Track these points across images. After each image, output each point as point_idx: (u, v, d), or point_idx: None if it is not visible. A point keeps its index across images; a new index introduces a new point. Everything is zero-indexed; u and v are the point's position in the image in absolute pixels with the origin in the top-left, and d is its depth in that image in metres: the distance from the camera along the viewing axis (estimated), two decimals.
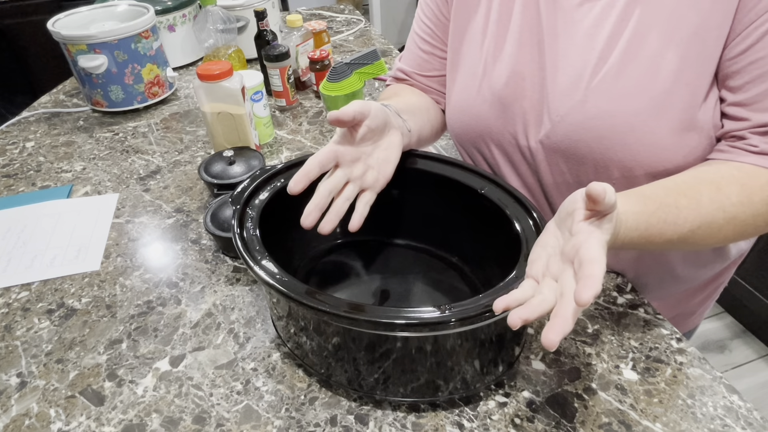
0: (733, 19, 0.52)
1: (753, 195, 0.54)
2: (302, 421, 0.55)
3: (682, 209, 0.53)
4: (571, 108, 0.60)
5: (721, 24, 0.53)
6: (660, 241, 0.53)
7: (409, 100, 0.76)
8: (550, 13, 0.62)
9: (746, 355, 1.74)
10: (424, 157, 0.69)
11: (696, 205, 0.54)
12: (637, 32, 0.56)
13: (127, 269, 0.77)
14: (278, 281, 0.51)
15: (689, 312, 0.84)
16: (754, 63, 0.53)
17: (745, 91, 0.54)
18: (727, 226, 0.54)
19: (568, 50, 0.61)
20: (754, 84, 0.53)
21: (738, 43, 0.53)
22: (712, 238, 0.55)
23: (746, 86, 0.54)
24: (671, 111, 0.57)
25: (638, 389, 0.56)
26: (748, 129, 0.55)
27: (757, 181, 0.54)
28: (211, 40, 1.18)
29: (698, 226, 0.54)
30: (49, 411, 0.58)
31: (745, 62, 0.53)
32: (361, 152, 0.59)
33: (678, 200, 0.53)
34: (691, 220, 0.53)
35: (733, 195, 0.54)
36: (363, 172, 0.59)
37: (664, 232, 0.53)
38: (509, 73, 0.65)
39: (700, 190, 0.54)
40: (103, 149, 1.08)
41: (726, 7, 0.52)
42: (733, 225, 0.54)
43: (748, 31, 0.52)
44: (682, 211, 0.53)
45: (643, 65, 0.56)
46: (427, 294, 0.67)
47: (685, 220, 0.53)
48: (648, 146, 0.58)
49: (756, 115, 0.54)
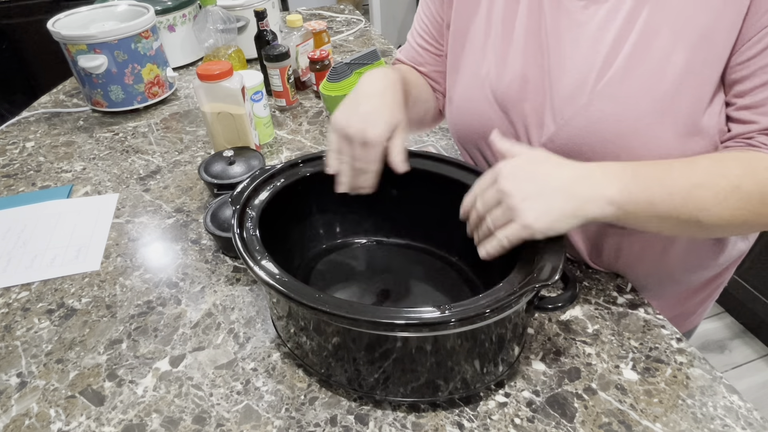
0: (742, 24, 0.52)
1: (757, 171, 0.53)
2: (302, 421, 0.55)
3: (675, 167, 0.54)
4: (576, 111, 0.60)
5: (730, 28, 0.53)
6: (661, 193, 0.52)
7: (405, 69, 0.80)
8: (554, 15, 0.61)
9: (746, 355, 1.74)
10: (424, 157, 0.69)
11: (691, 166, 0.54)
12: (643, 36, 0.56)
13: (127, 269, 0.77)
14: (278, 281, 0.51)
15: (689, 312, 0.84)
16: (763, 68, 0.52)
17: (753, 95, 0.54)
18: (733, 196, 0.52)
19: (572, 53, 0.61)
20: (764, 88, 0.53)
21: (748, 48, 0.53)
22: (720, 206, 0.53)
23: (755, 90, 0.54)
24: (676, 115, 0.56)
25: (638, 389, 0.56)
26: (756, 132, 0.55)
27: (761, 162, 0.54)
28: (211, 40, 1.18)
29: (699, 184, 0.52)
30: (49, 411, 0.58)
31: (755, 67, 0.53)
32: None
33: (670, 162, 0.55)
34: (688, 177, 0.53)
35: (733, 167, 0.54)
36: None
37: (659, 180, 0.53)
38: (512, 74, 0.65)
39: (695, 158, 0.55)
40: (103, 149, 1.08)
41: (735, 12, 0.52)
42: (738, 196, 0.52)
43: (760, 36, 0.52)
44: (675, 168, 0.54)
45: (648, 69, 0.56)
46: (427, 294, 0.67)
47: (681, 174, 0.53)
48: (652, 150, 0.58)
49: (764, 119, 0.54)
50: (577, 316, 0.65)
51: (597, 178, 0.53)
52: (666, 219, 0.53)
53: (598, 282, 0.70)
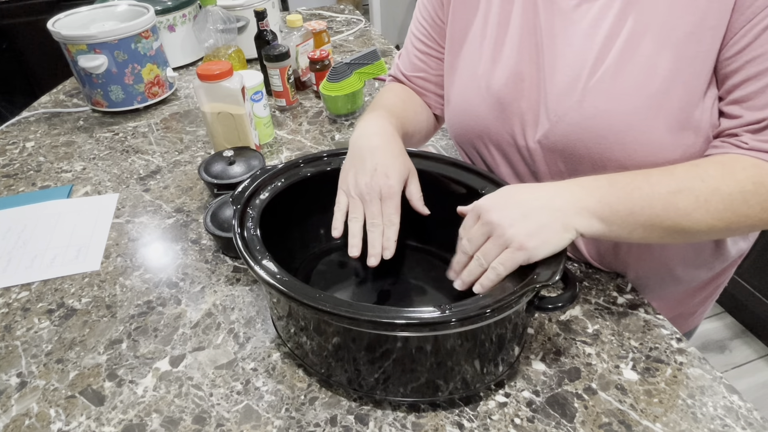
0: (729, 18, 0.53)
1: (735, 172, 0.53)
2: (302, 421, 0.55)
3: (651, 174, 0.54)
4: (569, 108, 0.61)
5: (718, 23, 0.53)
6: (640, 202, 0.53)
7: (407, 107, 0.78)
8: (548, 15, 0.62)
9: (746, 355, 1.74)
10: (424, 157, 0.69)
11: (668, 173, 0.54)
12: (633, 32, 0.56)
13: (127, 269, 0.77)
14: (278, 281, 0.51)
15: (689, 312, 0.84)
16: (750, 61, 0.53)
17: (740, 89, 0.55)
18: (713, 198, 0.52)
19: (565, 51, 0.61)
20: (750, 82, 0.54)
21: (735, 42, 0.53)
22: (701, 210, 0.53)
23: (742, 84, 0.54)
24: (668, 110, 0.57)
25: (638, 389, 0.56)
26: (741, 126, 0.55)
27: (739, 163, 0.54)
28: (211, 40, 1.18)
29: (677, 190, 0.53)
30: (49, 411, 0.58)
31: (742, 61, 0.53)
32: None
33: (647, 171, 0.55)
34: (666, 184, 0.53)
35: (711, 170, 0.54)
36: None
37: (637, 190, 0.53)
38: (508, 73, 0.66)
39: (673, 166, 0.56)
40: (103, 149, 1.08)
41: (722, 6, 0.52)
42: (719, 198, 0.52)
43: (745, 29, 0.52)
44: (652, 176, 0.54)
45: (640, 65, 0.57)
46: (427, 294, 0.67)
47: (658, 182, 0.53)
48: (645, 145, 0.58)
49: (749, 113, 0.54)
50: (577, 316, 0.65)
51: (574, 191, 0.54)
52: (650, 228, 0.54)
53: (598, 282, 0.70)
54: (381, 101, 0.78)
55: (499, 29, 0.66)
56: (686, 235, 0.55)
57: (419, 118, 0.79)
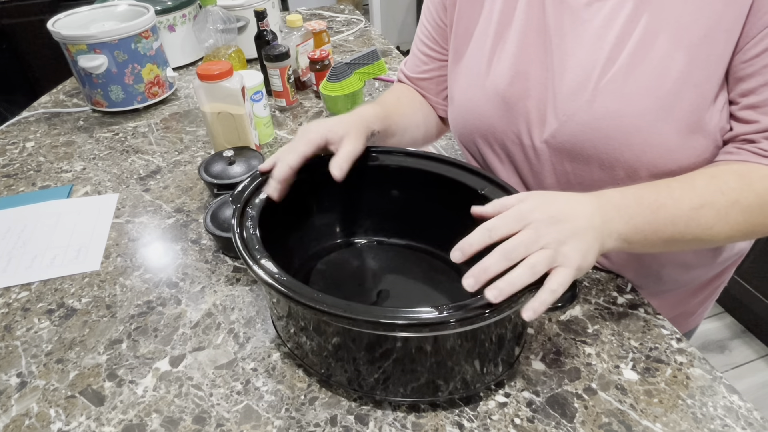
0: (745, 22, 0.52)
1: (753, 183, 0.54)
2: (302, 421, 0.55)
3: (674, 189, 0.54)
4: (579, 108, 0.60)
5: (733, 26, 0.52)
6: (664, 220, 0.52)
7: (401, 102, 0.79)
8: (557, 13, 0.62)
9: (746, 355, 1.74)
10: (424, 157, 0.69)
11: (690, 186, 0.54)
12: (647, 33, 0.56)
13: (127, 269, 0.77)
14: (278, 281, 0.51)
15: (689, 312, 0.84)
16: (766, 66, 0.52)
17: (757, 94, 0.54)
18: (733, 210, 0.53)
19: (576, 50, 0.61)
20: (766, 87, 0.53)
21: (753, 46, 0.53)
22: (722, 222, 0.53)
23: (759, 89, 0.54)
24: (678, 112, 0.56)
25: (638, 389, 0.56)
26: (758, 132, 0.55)
27: (756, 173, 0.54)
28: (211, 40, 1.18)
29: (700, 205, 0.53)
30: (49, 411, 0.58)
31: (759, 65, 0.53)
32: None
33: (669, 183, 0.55)
34: (689, 199, 0.53)
35: (730, 181, 0.54)
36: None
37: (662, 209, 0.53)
38: (513, 72, 0.65)
39: (693, 177, 0.55)
40: (103, 149, 1.08)
41: (738, 10, 0.52)
42: (739, 210, 0.53)
43: (763, 34, 0.52)
44: (675, 191, 0.54)
45: (652, 66, 0.56)
46: (427, 294, 0.67)
47: (681, 198, 0.53)
48: (654, 147, 0.58)
49: (766, 118, 0.54)
50: (577, 316, 0.65)
51: (606, 211, 0.52)
52: (670, 242, 0.54)
53: (598, 282, 0.70)
54: (378, 98, 0.79)
55: (502, 27, 0.66)
56: (704, 244, 0.56)
57: (415, 115, 0.80)
